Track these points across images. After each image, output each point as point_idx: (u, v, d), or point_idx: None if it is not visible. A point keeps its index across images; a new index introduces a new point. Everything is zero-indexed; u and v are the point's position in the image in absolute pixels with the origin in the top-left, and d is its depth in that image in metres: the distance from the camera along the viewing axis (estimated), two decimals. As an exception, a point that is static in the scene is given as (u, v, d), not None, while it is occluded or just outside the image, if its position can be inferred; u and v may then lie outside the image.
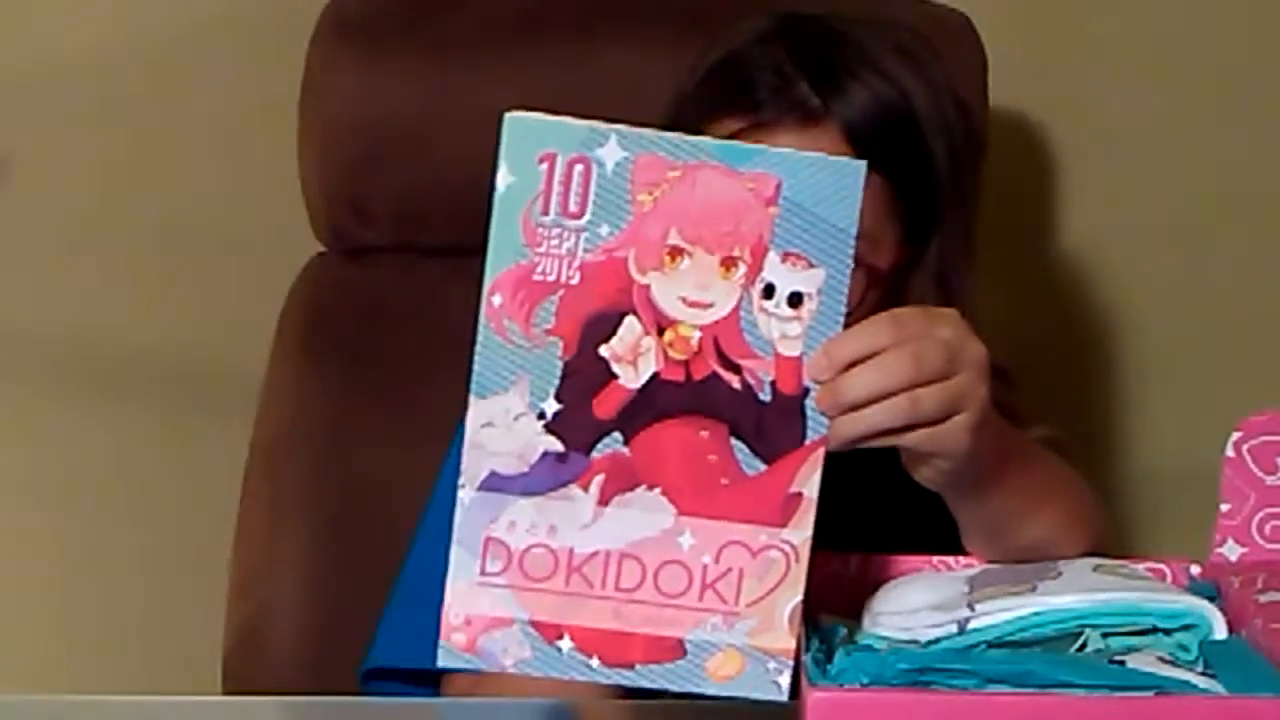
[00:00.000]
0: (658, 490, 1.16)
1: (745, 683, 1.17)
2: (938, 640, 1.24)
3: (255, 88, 1.99)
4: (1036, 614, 1.24)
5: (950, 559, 1.35)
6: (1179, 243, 2.11)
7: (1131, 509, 2.12)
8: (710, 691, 1.17)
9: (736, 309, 1.16)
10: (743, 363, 1.16)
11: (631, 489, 1.16)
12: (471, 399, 1.16)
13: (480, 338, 1.15)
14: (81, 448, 2.05)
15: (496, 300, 1.15)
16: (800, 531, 1.17)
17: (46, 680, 2.06)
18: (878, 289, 1.43)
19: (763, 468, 1.17)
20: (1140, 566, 1.33)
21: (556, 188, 1.15)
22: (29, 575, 2.07)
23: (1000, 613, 1.24)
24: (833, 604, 1.32)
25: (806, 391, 1.16)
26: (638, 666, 1.17)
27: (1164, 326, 2.12)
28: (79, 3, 1.99)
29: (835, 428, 1.16)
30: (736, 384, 1.16)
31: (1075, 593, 1.25)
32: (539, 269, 1.15)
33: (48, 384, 2.04)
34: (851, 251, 1.16)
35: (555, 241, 1.15)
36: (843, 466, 1.19)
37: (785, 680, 1.17)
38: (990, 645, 1.23)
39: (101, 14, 1.99)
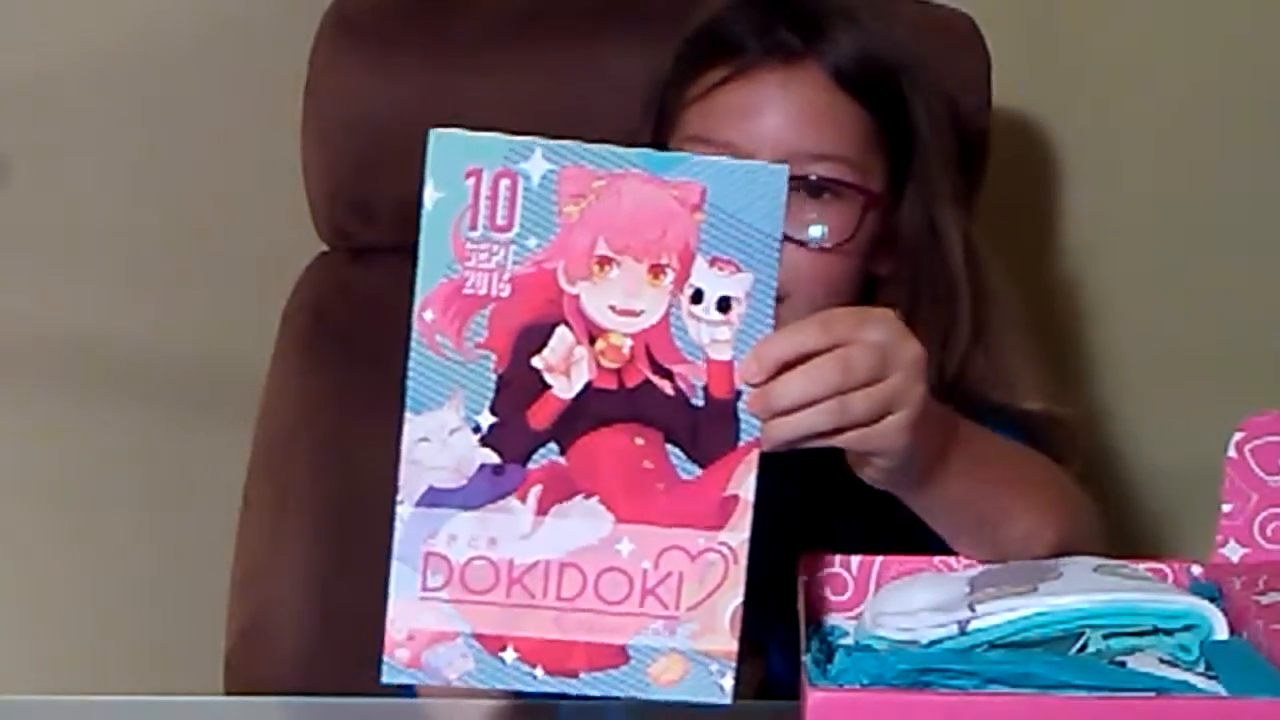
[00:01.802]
0: (595, 498, 1.17)
1: (689, 687, 1.18)
2: (938, 641, 1.24)
3: (258, 87, 2.00)
4: (1038, 615, 1.24)
5: (952, 560, 1.35)
6: (1179, 243, 2.11)
7: (1133, 509, 2.12)
8: (654, 697, 1.18)
9: (666, 316, 1.16)
10: (674, 369, 1.17)
11: (569, 498, 1.17)
12: (407, 415, 1.16)
13: (413, 354, 1.16)
14: (83, 447, 2.06)
15: (428, 316, 1.16)
16: (737, 533, 1.17)
17: (47, 680, 2.06)
18: (875, 213, 1.48)
19: (698, 472, 1.17)
20: (1141, 567, 1.33)
21: (484, 202, 1.16)
22: (30, 575, 2.08)
23: (1001, 613, 1.24)
24: (833, 604, 1.32)
25: (739, 394, 1.17)
26: (581, 675, 1.17)
27: (1165, 326, 2.12)
28: (79, 3, 1.99)
29: (767, 431, 1.17)
30: (669, 390, 1.17)
31: (1076, 593, 1.25)
32: (469, 283, 1.16)
33: (48, 383, 2.05)
34: (778, 255, 1.16)
35: (485, 255, 1.16)
36: (822, 474, 1.20)
37: (728, 682, 1.17)
38: (991, 646, 1.23)
39: (103, 14, 1.99)
